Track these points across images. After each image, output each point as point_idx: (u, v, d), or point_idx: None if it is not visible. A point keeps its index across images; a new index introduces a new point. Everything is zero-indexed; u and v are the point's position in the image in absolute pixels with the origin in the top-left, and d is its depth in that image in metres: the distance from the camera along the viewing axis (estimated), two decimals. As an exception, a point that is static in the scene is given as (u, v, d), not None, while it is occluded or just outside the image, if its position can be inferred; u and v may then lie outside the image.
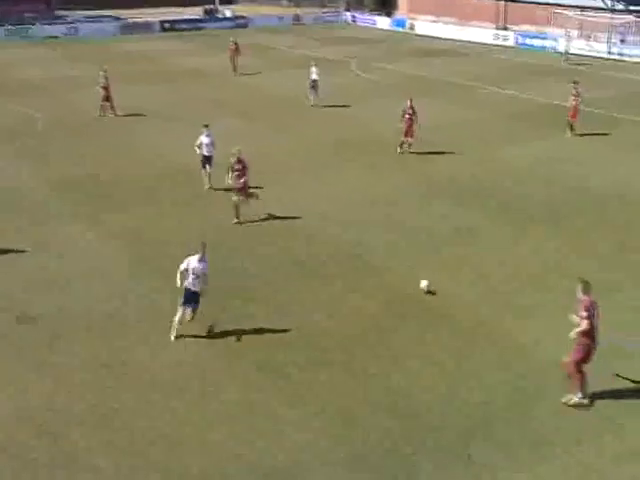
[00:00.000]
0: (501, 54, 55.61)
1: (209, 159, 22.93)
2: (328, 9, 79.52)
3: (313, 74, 35.79)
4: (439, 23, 67.38)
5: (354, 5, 78.81)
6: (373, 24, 73.01)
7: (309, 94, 35.93)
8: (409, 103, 26.99)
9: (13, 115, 34.00)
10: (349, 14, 76.61)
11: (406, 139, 27.23)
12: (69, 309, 15.73)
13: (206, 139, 22.91)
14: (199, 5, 74.71)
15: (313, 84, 35.87)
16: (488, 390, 12.89)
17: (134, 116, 33.52)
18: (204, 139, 22.93)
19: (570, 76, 37.32)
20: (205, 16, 72.39)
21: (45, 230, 20.13)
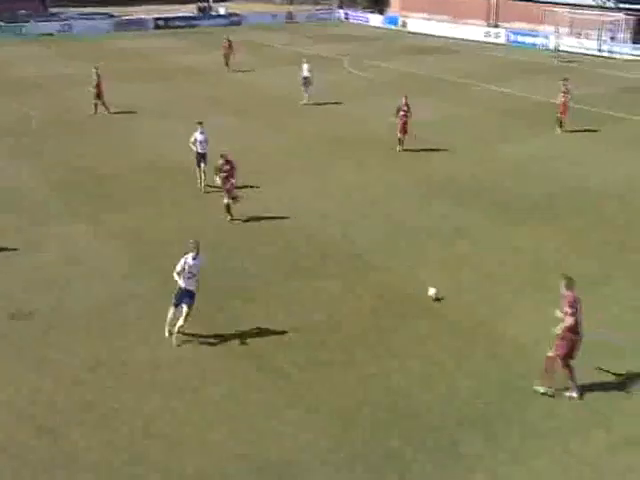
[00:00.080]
0: (493, 51, 55.84)
1: (204, 156, 22.86)
2: (321, 7, 79.60)
3: (305, 71, 35.85)
4: (431, 21, 67.49)
5: (347, 3, 78.89)
6: (366, 22, 73.12)
7: (303, 92, 35.89)
8: (404, 100, 27.13)
9: (7, 113, 33.76)
10: (342, 12, 76.73)
11: (402, 136, 27.38)
12: (69, 309, 15.73)
13: (200, 136, 22.88)
14: (193, 2, 74.54)
15: (305, 81, 35.88)
16: (488, 390, 12.93)
17: (128, 114, 33.43)
18: (198, 136, 22.90)
19: (561, 73, 37.57)
20: (199, 13, 72.18)
21: (45, 230, 20.04)
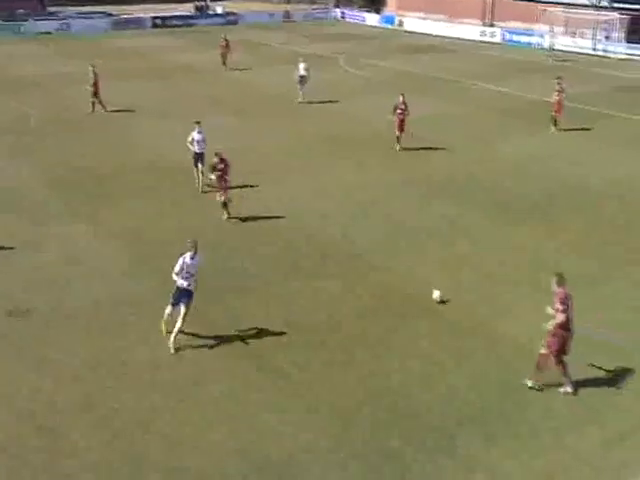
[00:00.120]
0: (489, 51, 56.07)
1: (201, 156, 22.77)
2: (318, 6, 79.69)
3: (301, 70, 35.89)
4: (427, 20, 67.69)
5: (343, 2, 79.00)
6: (362, 21, 73.29)
7: (299, 90, 35.93)
8: (401, 99, 27.23)
9: (6, 112, 33.76)
10: (338, 11, 76.89)
11: (400, 134, 27.47)
12: (69, 309, 15.72)
13: (198, 136, 22.78)
14: (190, 1, 74.48)
15: (301, 79, 35.91)
16: (488, 390, 12.96)
17: (126, 112, 33.56)
18: (196, 136, 22.80)
19: (556, 72, 37.73)
20: (196, 12, 72.23)
21: (45, 230, 20.04)
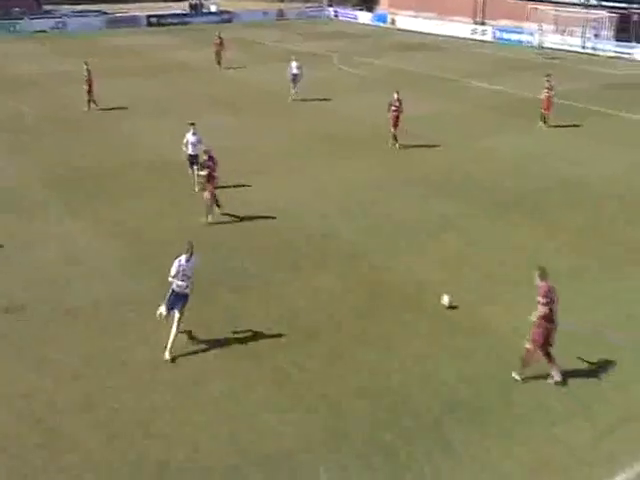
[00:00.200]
0: (480, 48, 56.53)
1: (195, 158, 22.18)
2: (311, 4, 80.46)
3: (293, 68, 35.89)
4: (419, 18, 68.69)
5: (336, 0, 79.80)
6: (355, 19, 74.24)
7: (291, 88, 36.15)
8: (396, 96, 27.37)
9: (4, 111, 33.77)
10: (331, 9, 77.83)
11: (395, 131, 27.68)
12: (69, 308, 15.65)
13: (192, 137, 22.41)
14: (185, 0, 75.19)
15: (294, 78, 36.11)
16: (488, 390, 12.95)
17: (123, 110, 33.72)
18: (190, 137, 22.44)
19: (546, 70, 37.89)
20: (191, 11, 73.07)
21: (44, 229, 19.96)
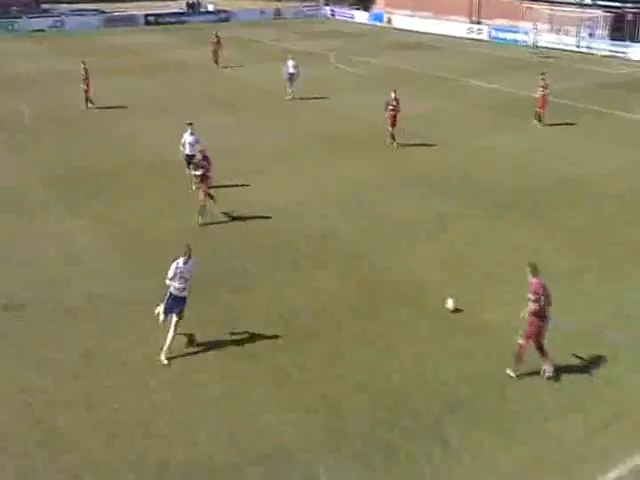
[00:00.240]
0: (476, 47, 56.83)
1: (192, 158, 22.00)
2: (308, 3, 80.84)
3: (290, 67, 36.06)
4: (415, 17, 69.06)
5: (333, 0, 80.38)
6: (351, 18, 74.65)
7: (288, 87, 36.34)
8: (393, 95, 27.45)
9: (3, 110, 33.80)
10: (328, 8, 78.22)
11: (393, 129, 27.76)
12: (69, 308, 15.66)
13: (190, 138, 22.31)
14: (182, -1, 75.92)
15: (290, 77, 36.28)
16: (488, 390, 12.95)
17: (121, 109, 33.90)
18: (187, 137, 22.36)
19: (541, 69, 37.83)
20: (188, 10, 73.43)
21: (44, 229, 19.98)
